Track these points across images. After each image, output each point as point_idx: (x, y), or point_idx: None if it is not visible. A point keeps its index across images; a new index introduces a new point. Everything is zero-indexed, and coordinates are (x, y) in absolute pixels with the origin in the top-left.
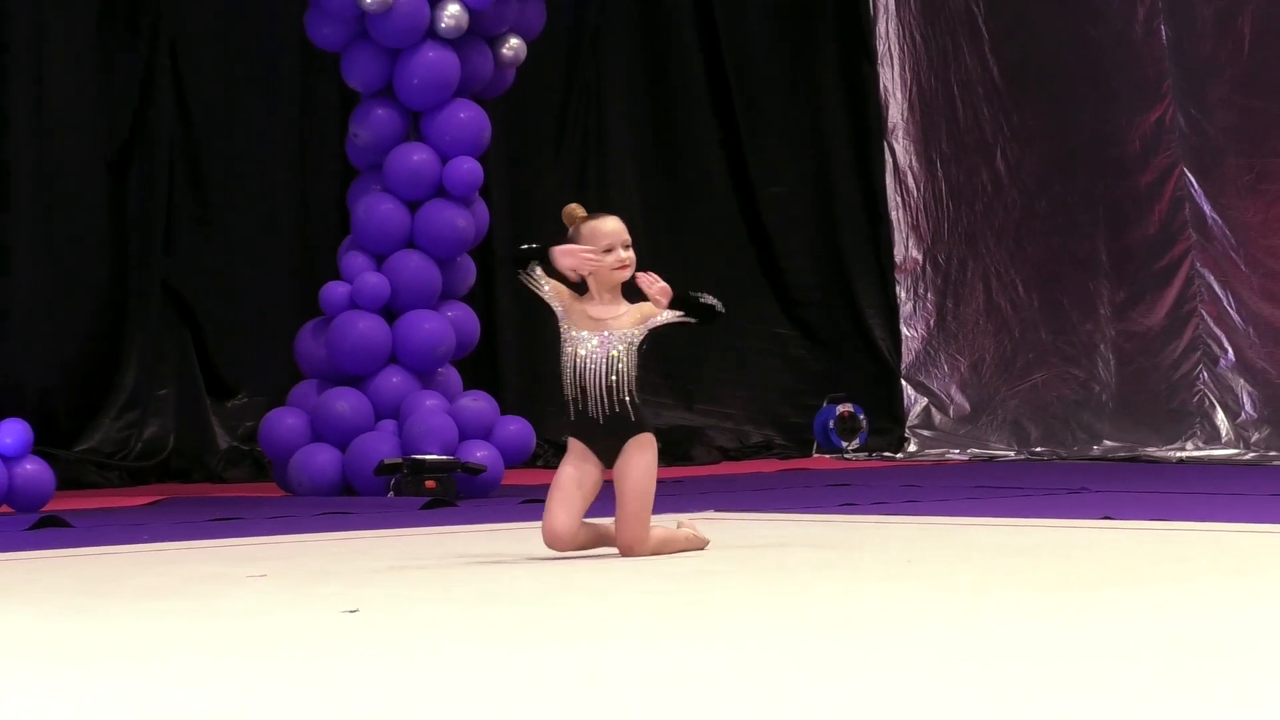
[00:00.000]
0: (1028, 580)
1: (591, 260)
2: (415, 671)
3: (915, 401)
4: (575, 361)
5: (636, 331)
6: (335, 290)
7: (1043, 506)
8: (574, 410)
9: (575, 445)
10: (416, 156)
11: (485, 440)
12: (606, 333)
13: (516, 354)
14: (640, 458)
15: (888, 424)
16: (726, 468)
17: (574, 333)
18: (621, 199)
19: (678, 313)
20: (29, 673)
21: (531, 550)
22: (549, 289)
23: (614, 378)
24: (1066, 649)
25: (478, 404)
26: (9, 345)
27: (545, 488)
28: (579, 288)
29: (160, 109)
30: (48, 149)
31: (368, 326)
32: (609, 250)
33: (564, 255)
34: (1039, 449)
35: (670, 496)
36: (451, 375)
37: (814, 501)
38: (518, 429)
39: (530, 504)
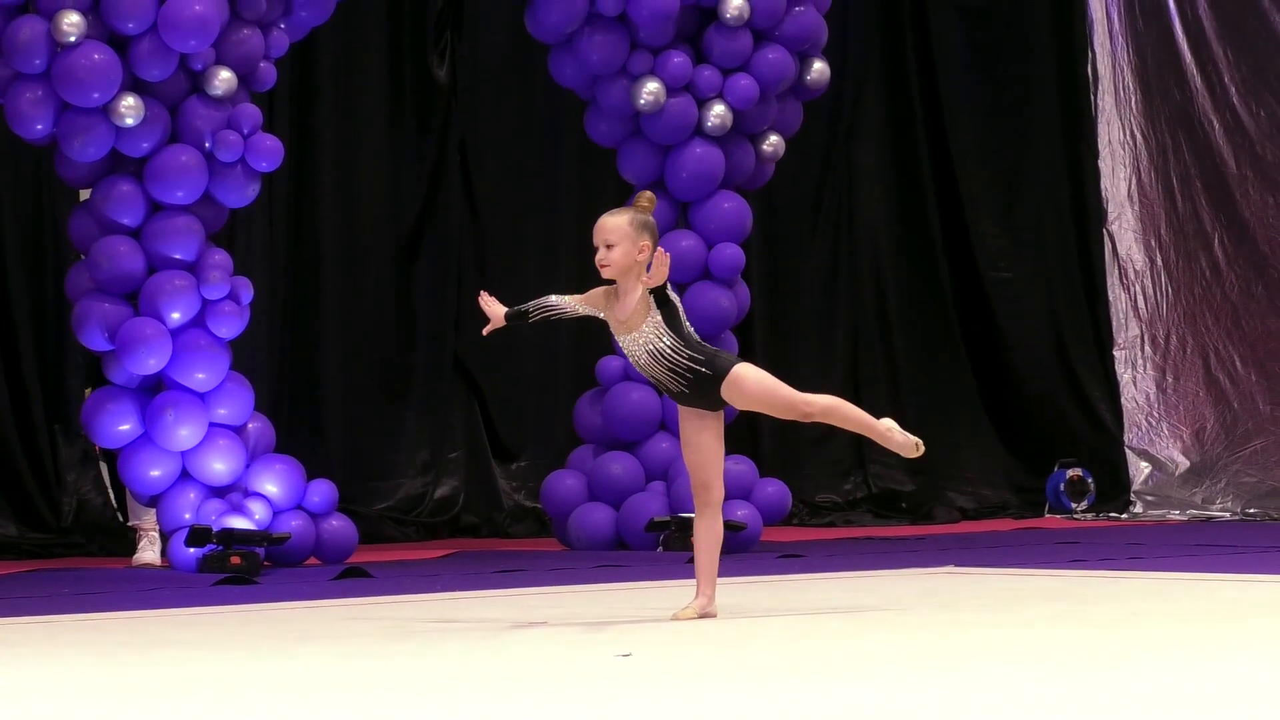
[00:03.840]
0: (1240, 630)
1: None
2: (682, 707)
3: (1139, 467)
4: (631, 360)
5: (653, 321)
6: (611, 364)
7: (1256, 563)
8: (661, 392)
9: (680, 408)
10: (684, 243)
11: (745, 500)
12: (634, 333)
13: (774, 423)
14: (740, 383)
15: (1111, 487)
16: (966, 526)
17: (616, 337)
18: (869, 280)
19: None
20: (329, 706)
21: (785, 600)
22: (578, 306)
23: (667, 362)
24: (1274, 691)
25: (739, 467)
26: (319, 411)
27: (800, 544)
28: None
29: (449, 199)
30: (350, 235)
31: (640, 397)
32: (601, 246)
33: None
34: (1253, 510)
35: (914, 553)
36: None
37: (1046, 557)
38: (775, 490)
39: (786, 559)
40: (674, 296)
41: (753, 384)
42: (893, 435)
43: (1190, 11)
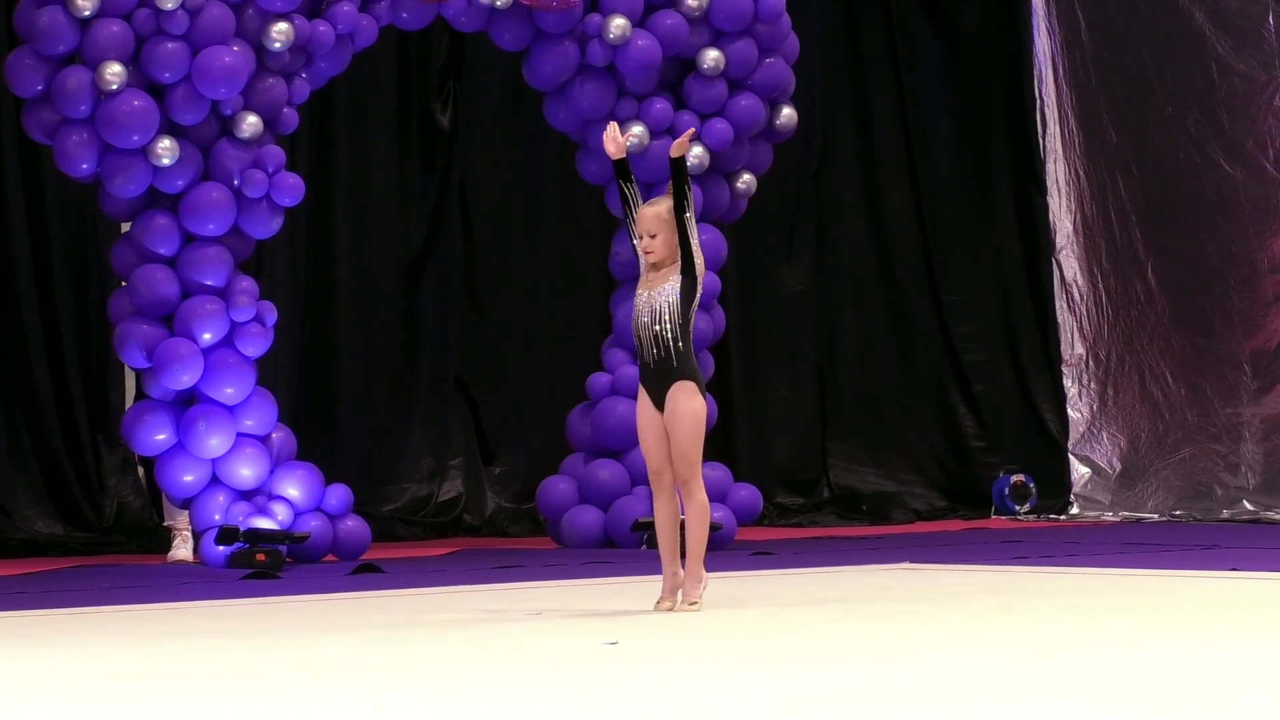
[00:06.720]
0: (1168, 618)
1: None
2: (664, 690)
3: (1079, 472)
4: (635, 317)
5: (673, 282)
6: (599, 380)
7: (1181, 560)
8: (638, 357)
9: (641, 393)
10: None
11: (721, 503)
12: (657, 288)
13: (747, 433)
14: (685, 403)
15: (1054, 491)
16: (920, 526)
17: (638, 291)
18: (840, 304)
19: (669, 199)
20: (343, 690)
21: (757, 593)
22: (633, 226)
23: (659, 327)
24: (1206, 670)
25: (715, 473)
26: (336, 422)
27: (770, 543)
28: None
29: (450, 232)
30: (362, 264)
31: (625, 410)
32: (645, 235)
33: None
34: (1179, 512)
35: (874, 550)
36: None
37: (992, 555)
38: (747, 494)
39: (758, 556)
40: (700, 284)
41: (694, 406)
42: (696, 589)
43: (1125, 63)
